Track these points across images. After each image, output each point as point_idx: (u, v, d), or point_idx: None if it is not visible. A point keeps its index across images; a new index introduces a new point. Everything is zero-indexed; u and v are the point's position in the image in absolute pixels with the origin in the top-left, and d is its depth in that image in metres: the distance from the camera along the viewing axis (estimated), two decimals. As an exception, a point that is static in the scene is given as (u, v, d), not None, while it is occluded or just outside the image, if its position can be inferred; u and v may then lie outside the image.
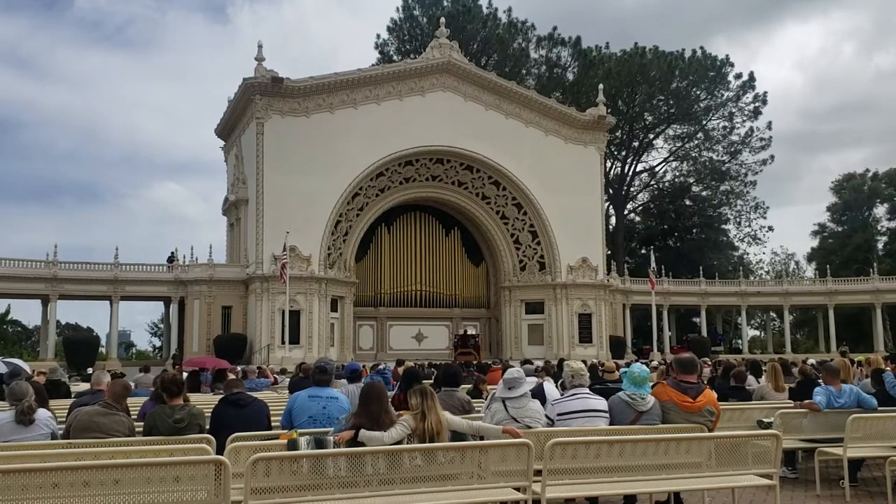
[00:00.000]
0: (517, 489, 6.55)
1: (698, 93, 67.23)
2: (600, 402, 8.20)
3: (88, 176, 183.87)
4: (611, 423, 7.96)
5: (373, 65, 56.55)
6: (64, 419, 8.34)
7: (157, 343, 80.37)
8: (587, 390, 8.32)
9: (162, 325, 61.56)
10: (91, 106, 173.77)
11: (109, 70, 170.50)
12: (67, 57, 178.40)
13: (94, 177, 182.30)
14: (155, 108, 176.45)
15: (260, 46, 42.21)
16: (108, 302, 43.77)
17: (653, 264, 49.04)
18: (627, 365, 9.17)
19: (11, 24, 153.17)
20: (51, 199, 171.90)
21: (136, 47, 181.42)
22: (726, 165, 70.36)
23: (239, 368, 21.30)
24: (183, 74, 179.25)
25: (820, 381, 11.27)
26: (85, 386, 14.43)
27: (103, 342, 49.40)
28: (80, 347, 42.29)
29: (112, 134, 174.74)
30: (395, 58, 64.13)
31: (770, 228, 73.81)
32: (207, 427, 7.80)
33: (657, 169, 72.90)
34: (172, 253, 45.82)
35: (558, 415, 8.04)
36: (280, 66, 67.28)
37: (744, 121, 68.47)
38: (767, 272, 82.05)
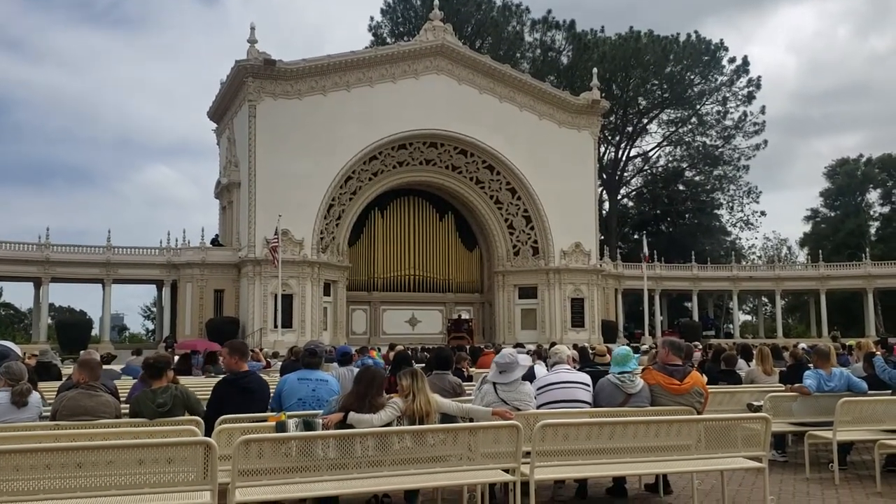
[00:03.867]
0: (506, 471, 6.57)
1: (692, 77, 67.14)
2: (580, 375, 8.34)
3: (80, 158, 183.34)
4: (600, 406, 8.00)
5: (366, 47, 56.24)
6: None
7: (150, 326, 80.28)
8: (567, 366, 8.51)
9: (155, 309, 61.47)
10: (83, 87, 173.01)
11: (100, 50, 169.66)
12: (59, 37, 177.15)
13: (86, 159, 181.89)
14: (146, 89, 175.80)
15: (252, 28, 41.94)
16: (100, 285, 43.68)
17: (645, 250, 49.13)
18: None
19: (3, 3, 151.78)
20: (43, 181, 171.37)
21: (127, 27, 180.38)
22: (719, 150, 70.39)
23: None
24: (174, 55, 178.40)
25: (810, 364, 11.32)
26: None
27: (96, 325, 49.34)
28: (72, 330, 42.29)
29: (103, 115, 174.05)
30: (388, 40, 63.79)
31: (762, 213, 74.12)
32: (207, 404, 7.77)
33: (651, 154, 72.98)
34: (217, 236, 45.93)
35: (538, 388, 8.16)
36: (271, 48, 67.00)
37: (737, 105, 68.53)
38: (760, 257, 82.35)
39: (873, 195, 78.72)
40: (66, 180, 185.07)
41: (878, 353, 12.19)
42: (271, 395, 8.50)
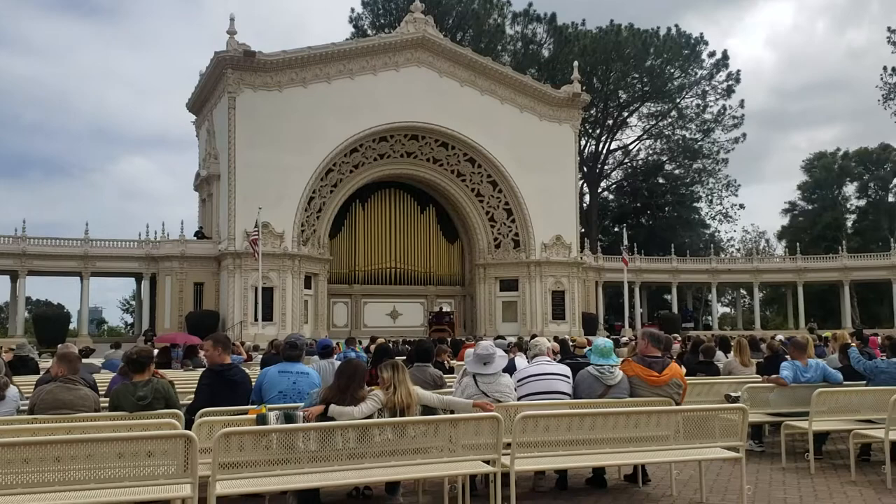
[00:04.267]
0: (487, 462, 6.60)
1: (672, 71, 67.51)
2: (560, 367, 8.39)
3: (56, 150, 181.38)
4: (580, 397, 8.06)
5: (347, 39, 56.00)
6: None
7: (129, 320, 79.74)
8: (547, 358, 8.60)
9: (134, 302, 61.01)
10: (57, 76, 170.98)
11: (75, 39, 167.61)
12: (32, 25, 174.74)
13: (62, 151, 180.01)
14: (122, 79, 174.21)
15: (231, 19, 41.63)
16: (78, 278, 43.28)
17: (625, 242, 49.37)
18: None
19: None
20: (18, 173, 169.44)
21: (101, 16, 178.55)
22: (699, 144, 70.90)
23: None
24: (150, 45, 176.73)
25: (787, 356, 11.46)
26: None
27: (74, 319, 48.83)
28: (49, 324, 41.81)
29: (78, 106, 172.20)
30: (369, 32, 63.59)
31: (741, 206, 74.93)
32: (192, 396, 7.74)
33: (631, 147, 73.33)
34: (201, 227, 45.58)
35: (519, 380, 8.21)
36: (250, 39, 66.57)
37: (717, 99, 69.14)
38: (738, 250, 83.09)
39: (850, 188, 79.69)
40: (41, 172, 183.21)
41: (854, 344, 12.37)
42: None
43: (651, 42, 65.33)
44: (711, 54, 67.90)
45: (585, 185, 68.10)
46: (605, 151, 70.86)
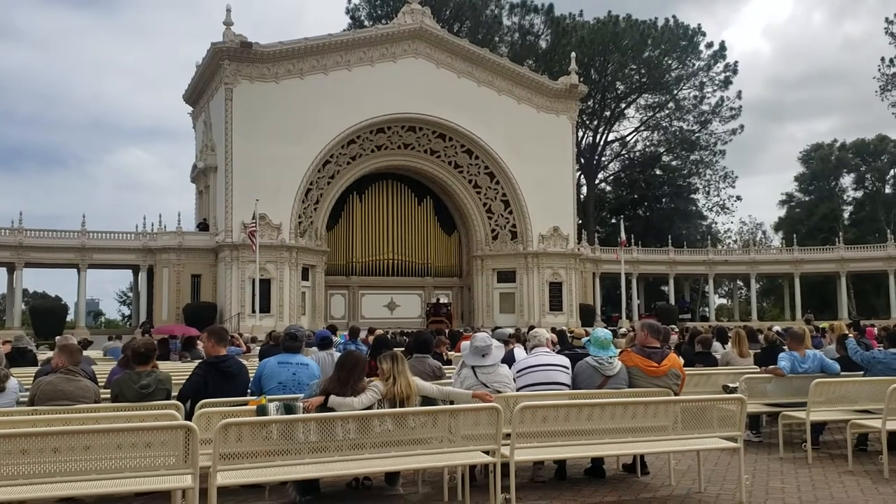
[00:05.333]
0: (486, 452, 6.62)
1: (670, 62, 67.42)
2: (559, 358, 8.41)
3: (52, 141, 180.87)
4: (579, 388, 8.08)
5: (344, 30, 55.87)
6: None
7: (127, 311, 79.61)
8: (545, 349, 8.62)
9: (131, 294, 60.95)
10: (54, 67, 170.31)
11: (70, 30, 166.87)
12: (27, 16, 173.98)
13: (58, 142, 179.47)
14: (119, 70, 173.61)
15: (228, 10, 41.51)
16: (75, 270, 43.22)
17: (622, 235, 49.38)
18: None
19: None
20: (13, 164, 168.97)
21: (98, 6, 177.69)
22: (696, 135, 70.87)
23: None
24: (147, 35, 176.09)
25: (784, 347, 11.49)
26: (51, 354, 14.29)
27: (71, 311, 48.74)
28: (47, 316, 41.79)
29: (76, 97, 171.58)
30: (366, 23, 63.39)
31: (738, 198, 74.91)
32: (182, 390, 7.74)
33: (628, 138, 73.25)
34: (205, 219, 45.53)
35: (518, 371, 8.23)
36: (246, 30, 66.47)
37: (714, 90, 69.05)
38: (735, 241, 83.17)
39: (847, 180, 79.83)
40: (38, 164, 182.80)
41: (851, 335, 12.42)
42: (250, 378, 8.51)
43: (649, 33, 65.23)
44: (709, 45, 67.88)
45: (583, 176, 68.05)
46: (602, 143, 70.84)
